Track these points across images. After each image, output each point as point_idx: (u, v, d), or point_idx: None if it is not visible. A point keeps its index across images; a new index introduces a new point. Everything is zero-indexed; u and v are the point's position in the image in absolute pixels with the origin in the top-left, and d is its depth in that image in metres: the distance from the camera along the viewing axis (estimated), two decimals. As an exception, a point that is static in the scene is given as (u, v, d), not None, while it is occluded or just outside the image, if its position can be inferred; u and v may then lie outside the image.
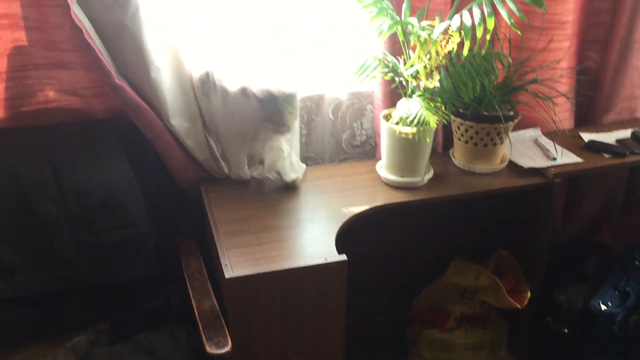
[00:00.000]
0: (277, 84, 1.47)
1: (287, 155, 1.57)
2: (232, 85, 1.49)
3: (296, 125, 1.60)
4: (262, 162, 1.60)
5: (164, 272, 1.49)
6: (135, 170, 1.47)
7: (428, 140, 1.50)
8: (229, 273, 1.25)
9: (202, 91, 1.51)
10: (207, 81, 1.49)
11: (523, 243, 1.79)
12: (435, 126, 1.37)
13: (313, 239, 1.38)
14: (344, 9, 1.61)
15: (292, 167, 1.58)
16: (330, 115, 1.75)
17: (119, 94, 1.40)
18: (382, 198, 1.55)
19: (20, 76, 1.42)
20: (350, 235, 1.45)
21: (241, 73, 1.50)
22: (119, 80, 1.39)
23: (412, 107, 1.42)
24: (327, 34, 1.66)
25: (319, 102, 1.72)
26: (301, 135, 1.75)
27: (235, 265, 1.28)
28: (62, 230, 1.36)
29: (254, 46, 1.52)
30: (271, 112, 1.48)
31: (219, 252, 1.32)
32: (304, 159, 1.78)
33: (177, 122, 1.49)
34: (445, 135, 1.81)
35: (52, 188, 1.37)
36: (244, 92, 1.48)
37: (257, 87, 1.48)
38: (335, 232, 1.39)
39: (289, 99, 1.46)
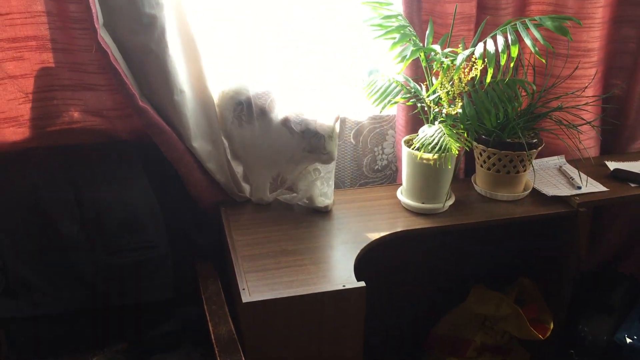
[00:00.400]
0: (319, 115, 1.49)
1: (324, 181, 1.57)
2: (274, 113, 1.52)
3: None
4: (290, 187, 1.60)
5: (182, 293, 1.49)
6: (156, 192, 1.48)
7: (450, 167, 1.48)
8: (246, 297, 1.24)
9: (234, 115, 1.52)
10: (242, 106, 1.51)
11: (546, 272, 1.76)
12: (457, 153, 1.36)
13: (332, 264, 1.37)
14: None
15: (326, 193, 1.58)
16: (352, 140, 1.75)
17: (142, 116, 1.41)
18: (402, 224, 1.53)
19: (47, 97, 1.44)
20: (369, 259, 1.44)
21: (281, 100, 1.52)
22: (142, 103, 1.41)
23: (434, 133, 1.41)
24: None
25: (341, 125, 1.72)
26: (322, 159, 1.75)
27: (253, 289, 1.27)
28: (82, 249, 1.37)
29: (293, 69, 1.55)
30: (314, 144, 1.49)
31: (237, 276, 1.32)
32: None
33: (199, 144, 1.50)
34: (467, 161, 1.79)
35: (73, 207, 1.38)
36: (285, 122, 1.51)
37: (298, 115, 1.50)
38: (354, 258, 1.37)
39: (330, 132, 1.46)
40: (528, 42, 1.26)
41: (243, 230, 1.49)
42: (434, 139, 1.40)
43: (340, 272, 1.33)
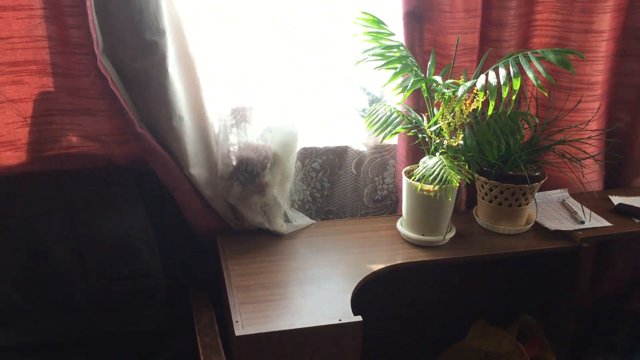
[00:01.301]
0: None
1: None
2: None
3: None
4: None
5: (176, 323, 1.46)
6: (152, 218, 1.46)
7: (450, 199, 1.46)
8: (239, 330, 1.21)
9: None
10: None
11: (548, 308, 1.72)
12: (458, 185, 1.34)
13: (328, 297, 1.34)
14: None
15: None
16: (353, 170, 1.73)
17: (140, 142, 1.40)
18: (402, 256, 1.50)
19: (45, 121, 1.43)
20: (367, 291, 1.41)
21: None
22: (141, 129, 1.40)
23: (434, 164, 1.39)
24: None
25: (343, 155, 1.71)
26: (323, 188, 1.73)
27: (247, 321, 1.24)
28: (75, 277, 1.35)
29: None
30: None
31: (231, 307, 1.29)
32: (325, 213, 1.76)
33: (197, 171, 1.49)
34: (469, 193, 1.77)
35: (66, 234, 1.36)
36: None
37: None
38: (352, 291, 1.34)
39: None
40: (530, 75, 1.25)
41: (239, 259, 1.47)
42: (434, 171, 1.38)
43: (336, 305, 1.30)
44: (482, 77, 1.32)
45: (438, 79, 1.36)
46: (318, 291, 1.36)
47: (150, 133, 1.44)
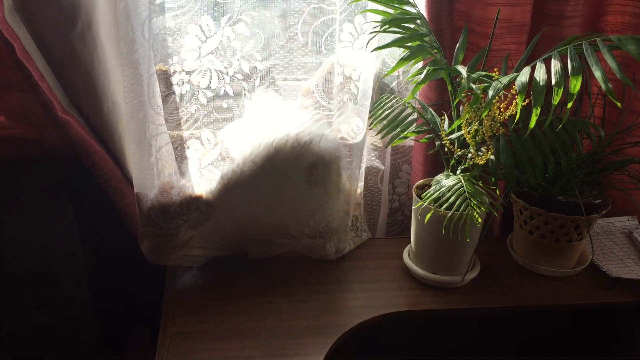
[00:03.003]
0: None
1: None
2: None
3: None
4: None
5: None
6: (84, 229, 1.14)
7: (468, 240, 1.07)
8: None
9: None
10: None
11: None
12: (480, 222, 0.95)
13: (295, 358, 0.99)
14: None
15: None
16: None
17: (62, 130, 1.07)
18: (406, 300, 1.14)
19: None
20: (361, 340, 1.08)
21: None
22: (63, 114, 1.06)
23: (450, 188, 1.01)
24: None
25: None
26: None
27: (170, 394, 0.91)
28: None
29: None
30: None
31: (156, 367, 0.96)
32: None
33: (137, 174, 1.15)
34: (506, 212, 1.36)
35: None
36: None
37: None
38: (324, 355, 0.99)
39: None
40: (598, 74, 0.83)
41: (188, 291, 1.14)
42: (449, 197, 0.99)
43: (301, 374, 0.95)
44: (526, 71, 0.91)
45: (462, 69, 0.95)
46: (282, 350, 1.01)
47: (84, 121, 1.11)
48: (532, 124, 0.87)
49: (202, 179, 1.15)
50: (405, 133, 1.11)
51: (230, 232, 1.19)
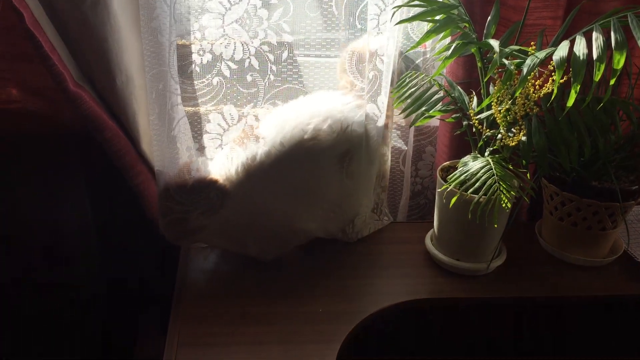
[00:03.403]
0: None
1: None
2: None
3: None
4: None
5: (116, 351, 1.11)
6: (96, 207, 1.10)
7: (495, 226, 1.01)
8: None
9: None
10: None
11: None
12: (510, 207, 0.89)
13: (310, 345, 0.94)
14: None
15: None
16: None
17: (74, 104, 1.02)
18: (427, 288, 1.09)
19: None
20: (376, 330, 1.04)
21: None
22: (75, 87, 1.02)
23: (478, 170, 0.95)
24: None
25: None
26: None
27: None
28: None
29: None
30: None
31: (166, 348, 0.92)
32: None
33: (151, 149, 1.10)
34: (535, 197, 1.30)
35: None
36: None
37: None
38: (340, 343, 0.94)
39: None
40: (645, 48, 0.76)
41: (202, 274, 1.10)
42: (477, 179, 0.94)
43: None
44: (565, 45, 0.84)
45: (494, 43, 0.89)
46: (296, 335, 0.96)
47: (97, 96, 1.07)
48: (570, 102, 0.81)
49: (223, 158, 1.09)
50: (430, 112, 1.05)
51: (243, 226, 1.10)
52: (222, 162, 1.05)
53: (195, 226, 1.04)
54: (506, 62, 0.89)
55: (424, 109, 1.07)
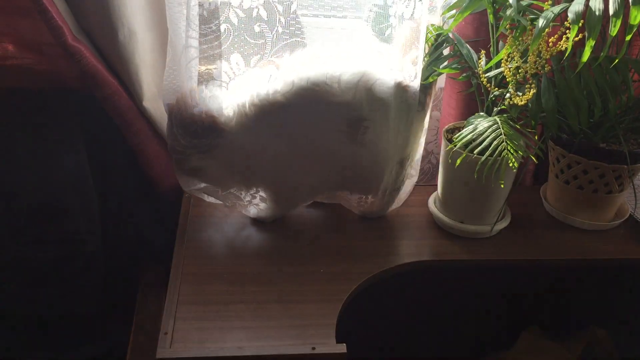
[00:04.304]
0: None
1: None
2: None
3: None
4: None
5: (117, 307, 1.11)
6: (95, 163, 1.09)
7: (502, 186, 1.00)
8: (162, 350, 0.84)
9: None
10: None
11: (632, 327, 1.27)
12: (517, 166, 0.87)
13: (309, 305, 0.93)
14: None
15: None
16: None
17: (73, 59, 1.00)
18: (430, 250, 1.08)
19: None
20: (383, 290, 1.06)
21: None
22: (74, 41, 0.99)
23: (486, 129, 0.92)
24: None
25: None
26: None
27: (180, 335, 0.87)
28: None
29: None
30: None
31: (165, 307, 0.91)
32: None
33: (154, 106, 1.09)
34: (540, 161, 1.28)
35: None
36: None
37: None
38: (341, 303, 0.93)
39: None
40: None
41: (204, 233, 1.08)
42: (484, 139, 0.92)
43: (317, 321, 0.90)
44: (580, 0, 0.81)
45: (509, -2, 0.86)
46: (295, 295, 0.95)
47: (96, 50, 1.04)
48: (585, 58, 0.78)
49: (226, 103, 1.00)
50: (439, 69, 1.02)
51: (239, 174, 1.04)
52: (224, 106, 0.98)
53: (194, 166, 0.99)
54: (520, 18, 0.86)
55: (431, 65, 1.04)
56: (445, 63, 1.04)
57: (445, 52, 1.05)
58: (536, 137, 0.96)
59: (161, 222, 1.17)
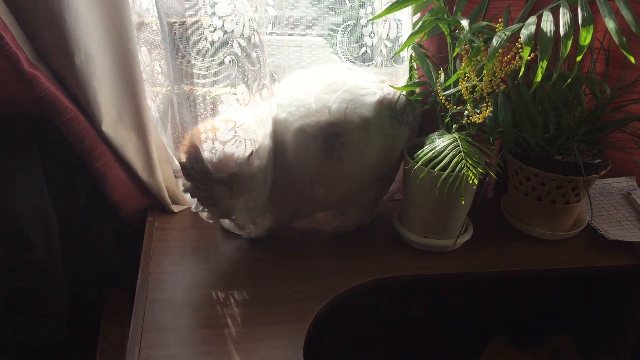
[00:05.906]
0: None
1: None
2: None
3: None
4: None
5: (81, 336, 1.09)
6: (54, 189, 1.07)
7: (463, 202, 1.02)
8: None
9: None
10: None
11: (595, 334, 1.30)
12: (477, 183, 0.89)
13: (276, 325, 0.93)
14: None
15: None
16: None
17: (30, 85, 0.98)
18: (394, 265, 1.09)
19: None
20: (353, 307, 1.05)
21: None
22: (31, 68, 0.98)
23: (445, 147, 0.94)
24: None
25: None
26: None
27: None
28: None
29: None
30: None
31: (130, 336, 0.90)
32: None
33: (114, 130, 1.07)
34: (500, 173, 1.30)
35: None
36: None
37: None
38: (309, 323, 0.94)
39: None
40: (611, 26, 0.76)
41: (167, 257, 1.07)
42: (444, 156, 0.93)
43: (284, 342, 0.90)
44: (533, 21, 0.84)
45: (464, 21, 0.87)
46: (262, 316, 0.95)
47: (53, 75, 1.03)
48: (538, 78, 0.80)
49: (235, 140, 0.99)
50: (398, 87, 1.04)
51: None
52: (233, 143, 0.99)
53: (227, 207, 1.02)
54: (474, 39, 0.88)
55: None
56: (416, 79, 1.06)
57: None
58: (495, 152, 0.98)
59: (124, 247, 1.16)
